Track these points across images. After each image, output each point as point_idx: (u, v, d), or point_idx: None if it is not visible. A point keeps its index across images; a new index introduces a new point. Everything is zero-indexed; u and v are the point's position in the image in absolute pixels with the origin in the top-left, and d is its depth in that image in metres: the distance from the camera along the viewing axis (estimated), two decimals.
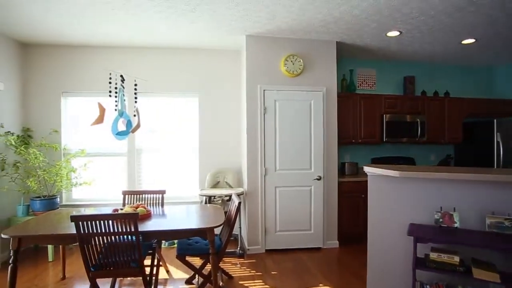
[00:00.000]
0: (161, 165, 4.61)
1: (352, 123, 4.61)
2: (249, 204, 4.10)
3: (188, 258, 2.90)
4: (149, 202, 3.53)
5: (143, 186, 4.55)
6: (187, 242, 2.94)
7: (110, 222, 2.26)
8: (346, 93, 4.70)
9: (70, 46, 4.34)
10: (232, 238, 4.51)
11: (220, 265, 3.45)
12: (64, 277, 3.28)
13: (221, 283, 3.16)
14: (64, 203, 4.33)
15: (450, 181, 2.33)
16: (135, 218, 2.30)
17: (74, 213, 2.72)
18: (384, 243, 2.62)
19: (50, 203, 3.80)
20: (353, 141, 4.63)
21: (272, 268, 3.55)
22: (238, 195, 3.98)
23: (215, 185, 4.45)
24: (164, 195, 4.21)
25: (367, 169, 2.67)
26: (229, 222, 3.00)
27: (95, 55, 4.37)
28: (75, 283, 3.18)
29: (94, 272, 2.37)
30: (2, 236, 2.44)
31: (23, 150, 3.68)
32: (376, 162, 5.04)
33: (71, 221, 2.22)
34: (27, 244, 2.53)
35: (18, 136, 3.99)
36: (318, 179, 4.16)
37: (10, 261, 2.44)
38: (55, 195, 3.94)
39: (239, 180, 4.46)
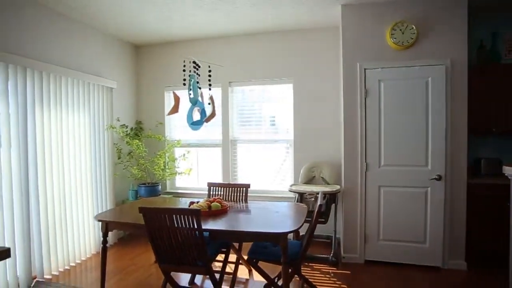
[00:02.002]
0: (254, 156, 4.46)
1: (494, 105, 3.40)
2: (346, 205, 3.52)
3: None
4: (233, 195, 3.36)
5: (238, 177, 4.50)
6: (263, 245, 2.63)
7: (174, 216, 2.16)
8: (484, 66, 3.50)
9: (170, 43, 4.58)
10: (328, 241, 4.01)
11: (305, 273, 3.04)
12: (156, 261, 3.46)
13: None
14: (168, 190, 4.66)
15: None
16: (198, 214, 2.12)
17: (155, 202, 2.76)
18: None
19: (153, 189, 4.13)
20: (494, 130, 3.41)
21: (369, 286, 2.91)
22: (333, 193, 3.47)
23: (310, 180, 4.01)
24: (256, 189, 4.06)
25: (508, 169, 1.79)
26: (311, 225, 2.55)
27: (189, 48, 4.45)
28: None
29: (163, 265, 2.33)
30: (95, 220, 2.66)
31: (129, 141, 4.07)
32: None
33: (139, 212, 2.20)
34: (113, 229, 2.66)
35: (131, 128, 4.47)
36: (437, 179, 3.23)
37: (101, 243, 2.65)
38: (157, 183, 4.25)
39: (337, 176, 3.87)
